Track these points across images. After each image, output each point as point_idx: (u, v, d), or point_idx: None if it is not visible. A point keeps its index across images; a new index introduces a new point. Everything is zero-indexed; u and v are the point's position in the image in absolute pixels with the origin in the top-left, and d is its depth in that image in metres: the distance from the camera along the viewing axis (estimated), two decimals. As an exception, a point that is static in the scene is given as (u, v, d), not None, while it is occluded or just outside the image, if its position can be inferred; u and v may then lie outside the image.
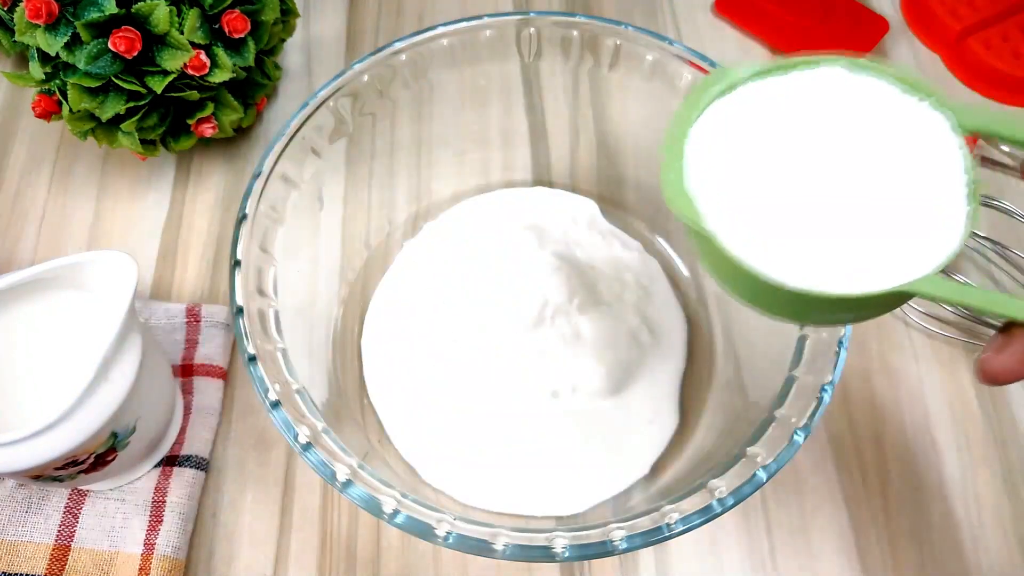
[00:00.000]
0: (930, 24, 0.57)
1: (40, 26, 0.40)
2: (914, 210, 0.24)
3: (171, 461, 0.40)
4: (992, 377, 0.25)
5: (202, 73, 0.42)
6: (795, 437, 0.31)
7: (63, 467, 0.33)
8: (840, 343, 0.32)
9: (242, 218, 0.36)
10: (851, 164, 0.25)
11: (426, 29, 0.41)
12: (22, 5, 0.39)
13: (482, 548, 0.30)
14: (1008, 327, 0.24)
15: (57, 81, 0.42)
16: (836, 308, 0.24)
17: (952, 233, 0.24)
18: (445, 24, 0.41)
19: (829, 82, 0.26)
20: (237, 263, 0.34)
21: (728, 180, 0.25)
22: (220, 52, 0.43)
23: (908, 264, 0.23)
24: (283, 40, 0.50)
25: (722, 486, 0.30)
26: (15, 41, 0.42)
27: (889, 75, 0.26)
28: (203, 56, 0.42)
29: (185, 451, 0.40)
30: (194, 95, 0.44)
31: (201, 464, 0.40)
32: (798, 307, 0.25)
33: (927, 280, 0.23)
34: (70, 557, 0.37)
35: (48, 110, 0.44)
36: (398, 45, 0.41)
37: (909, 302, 0.45)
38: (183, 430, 0.41)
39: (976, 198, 0.24)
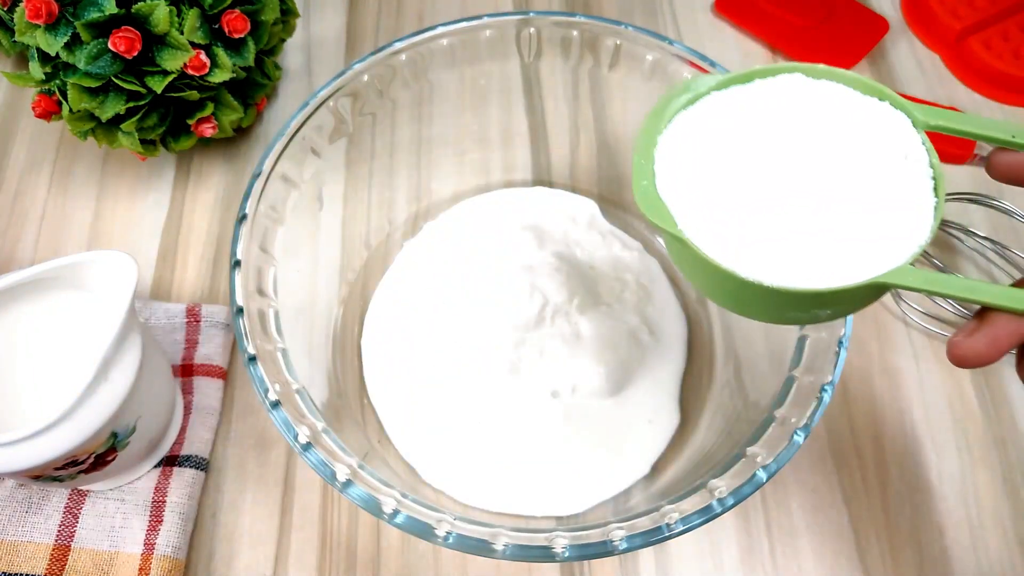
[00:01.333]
0: (930, 24, 0.57)
1: (40, 26, 0.40)
2: (883, 205, 0.24)
3: (171, 461, 0.40)
4: (960, 359, 0.25)
5: (202, 73, 0.42)
6: (795, 437, 0.31)
7: (63, 467, 0.33)
8: (840, 343, 0.32)
9: (242, 218, 0.36)
10: (819, 163, 0.25)
11: (426, 29, 0.41)
12: (22, 5, 0.39)
13: (482, 548, 0.30)
14: (982, 312, 0.25)
15: (57, 81, 0.42)
16: (813, 304, 0.25)
17: (922, 226, 0.24)
18: (445, 24, 0.41)
19: (790, 88, 0.27)
20: (237, 263, 0.34)
21: (699, 185, 0.26)
22: (220, 52, 0.43)
23: (881, 258, 0.24)
24: (283, 40, 0.50)
25: (722, 486, 0.30)
26: (15, 41, 0.42)
27: (846, 79, 0.27)
28: (203, 56, 0.42)
29: (185, 451, 0.40)
30: (194, 95, 0.44)
31: (201, 464, 0.40)
32: (775, 306, 0.25)
33: (900, 271, 0.23)
34: (70, 557, 0.37)
35: (48, 110, 0.44)
36: (398, 45, 0.41)
37: (910, 302, 0.45)
38: (183, 430, 0.41)
39: (942, 191, 0.25)
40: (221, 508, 0.40)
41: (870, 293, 0.24)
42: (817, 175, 0.25)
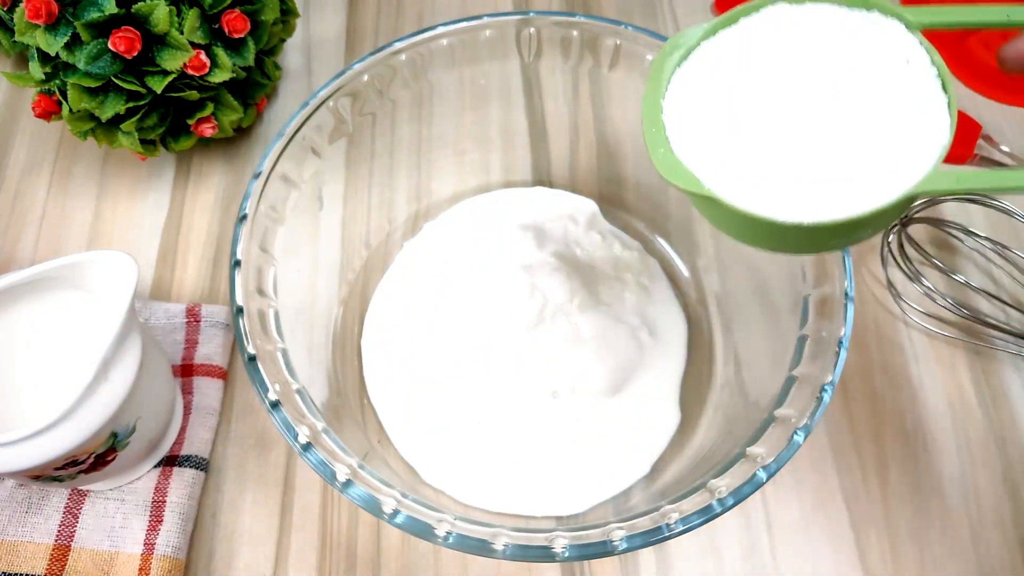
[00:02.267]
0: (930, 24, 0.57)
1: (40, 26, 0.40)
2: (898, 114, 0.24)
3: (171, 461, 0.40)
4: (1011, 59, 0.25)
5: (202, 73, 0.42)
6: (795, 437, 0.31)
7: (63, 467, 0.33)
8: (840, 343, 0.32)
9: (242, 218, 0.36)
10: (826, 88, 0.25)
11: (426, 29, 0.41)
12: (22, 5, 0.39)
13: (482, 548, 0.30)
14: None
15: (57, 81, 0.42)
16: (851, 230, 0.25)
17: (940, 126, 0.24)
18: (445, 24, 0.41)
19: (777, 20, 0.26)
20: (237, 263, 0.34)
21: (715, 139, 0.25)
22: (220, 52, 0.43)
23: (908, 167, 0.23)
24: (283, 40, 0.50)
25: (722, 486, 0.30)
26: (15, 41, 0.42)
27: None
28: (203, 56, 0.42)
29: (185, 451, 0.40)
30: (194, 95, 0.44)
31: (201, 464, 0.40)
32: (815, 239, 0.25)
33: (930, 178, 0.23)
34: (70, 557, 0.37)
35: (48, 110, 0.44)
36: (398, 45, 0.41)
37: (909, 303, 0.45)
38: (183, 430, 0.41)
39: (951, 86, 0.24)
40: (221, 508, 0.40)
41: (904, 204, 0.24)
42: (827, 100, 0.24)
